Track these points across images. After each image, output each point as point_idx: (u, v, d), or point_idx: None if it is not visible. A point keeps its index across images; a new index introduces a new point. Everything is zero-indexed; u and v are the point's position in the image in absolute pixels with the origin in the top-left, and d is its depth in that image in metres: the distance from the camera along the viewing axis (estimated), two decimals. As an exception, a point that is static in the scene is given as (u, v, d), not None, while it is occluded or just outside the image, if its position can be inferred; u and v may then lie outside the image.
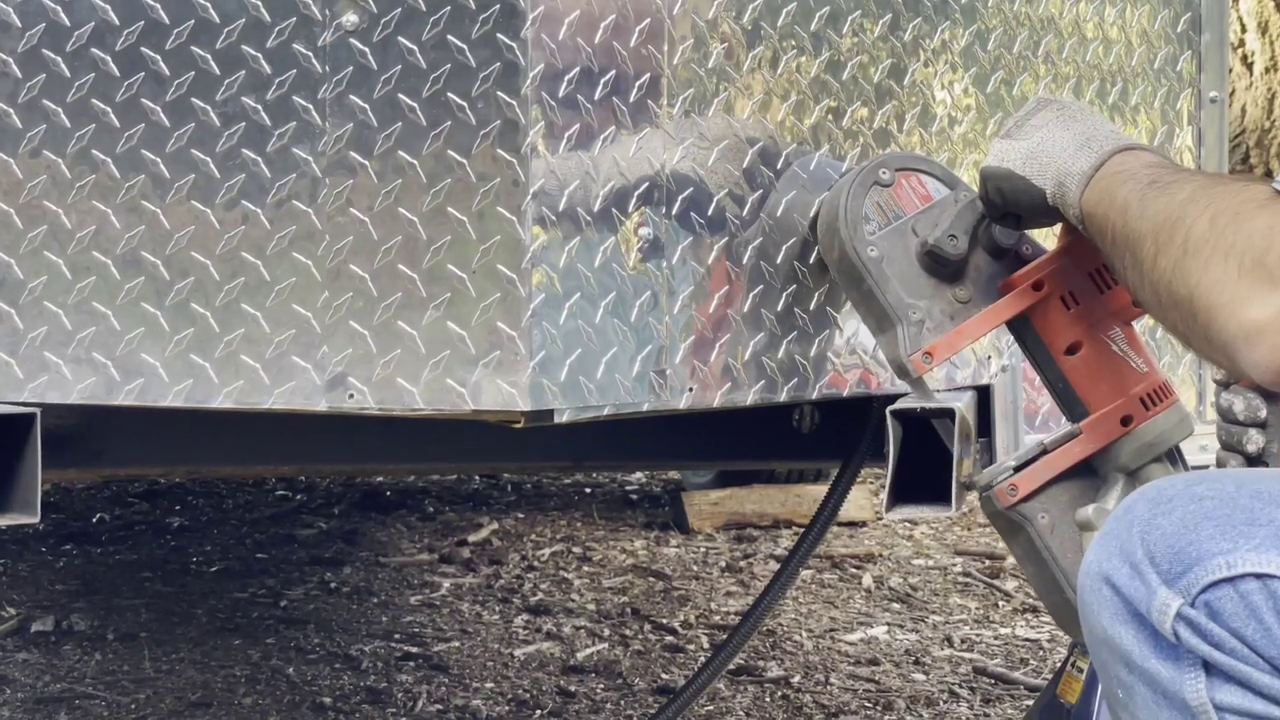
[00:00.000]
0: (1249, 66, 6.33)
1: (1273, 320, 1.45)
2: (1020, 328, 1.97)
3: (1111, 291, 1.93)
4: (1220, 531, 1.44)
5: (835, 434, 2.71)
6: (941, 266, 1.96)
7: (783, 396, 2.26)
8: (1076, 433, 1.92)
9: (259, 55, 2.06)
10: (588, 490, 5.54)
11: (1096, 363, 1.92)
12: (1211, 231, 1.51)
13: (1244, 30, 6.00)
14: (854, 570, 4.56)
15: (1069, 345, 1.92)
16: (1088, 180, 1.74)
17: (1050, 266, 1.93)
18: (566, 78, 2.06)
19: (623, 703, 3.53)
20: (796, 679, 3.68)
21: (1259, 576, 1.42)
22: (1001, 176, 1.88)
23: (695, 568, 4.59)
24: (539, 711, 3.46)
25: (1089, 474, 1.92)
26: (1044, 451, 1.93)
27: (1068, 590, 1.90)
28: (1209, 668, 1.43)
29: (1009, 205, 1.89)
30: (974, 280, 1.96)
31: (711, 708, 3.49)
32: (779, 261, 2.25)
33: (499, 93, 2.03)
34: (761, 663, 3.78)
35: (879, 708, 3.51)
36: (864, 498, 4.99)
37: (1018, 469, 1.92)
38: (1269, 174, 5.82)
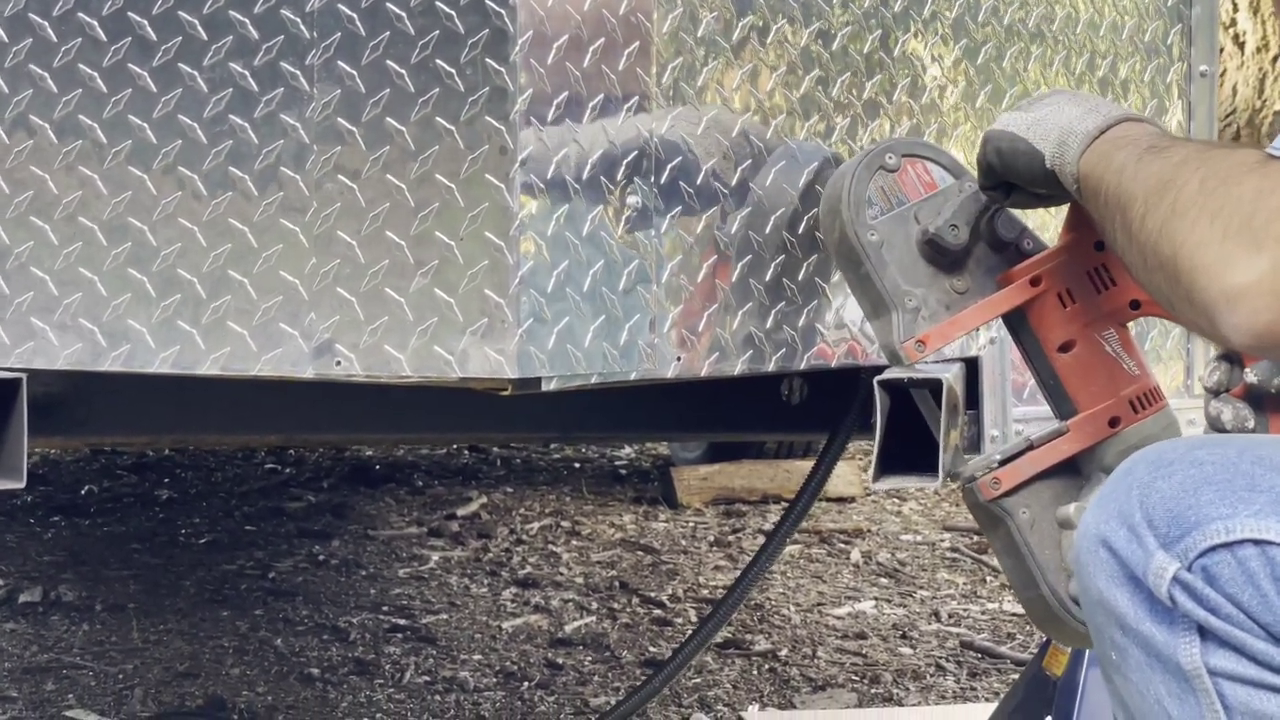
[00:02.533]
0: (1240, 46, 6.33)
1: (1254, 284, 1.44)
2: (1015, 322, 1.96)
3: (1109, 292, 1.93)
4: (1220, 496, 1.43)
5: (823, 406, 2.71)
6: (941, 256, 1.95)
7: (770, 367, 2.26)
8: (1063, 430, 1.92)
9: (246, 20, 2.05)
10: (577, 465, 5.54)
11: (1089, 362, 1.91)
12: (1200, 193, 1.51)
13: (1235, 10, 6.00)
14: (842, 545, 4.56)
15: (1063, 343, 1.92)
16: (1090, 140, 1.73)
17: (1049, 263, 1.93)
18: (555, 45, 2.05)
19: (610, 675, 3.53)
20: (784, 652, 3.68)
21: (1258, 543, 1.42)
22: (1003, 138, 1.86)
23: (684, 542, 4.59)
24: (526, 683, 3.47)
25: (1073, 472, 1.92)
26: (1030, 447, 1.92)
27: (1043, 586, 1.89)
28: (1204, 633, 1.43)
29: (1005, 169, 1.87)
30: (972, 271, 1.95)
31: (699, 680, 3.49)
32: (768, 232, 2.25)
33: (487, 59, 2.02)
34: (749, 636, 3.78)
35: (866, 681, 3.52)
36: (853, 473, 5.00)
37: (1002, 462, 1.92)
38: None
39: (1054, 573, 1.88)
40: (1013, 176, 1.86)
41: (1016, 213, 1.99)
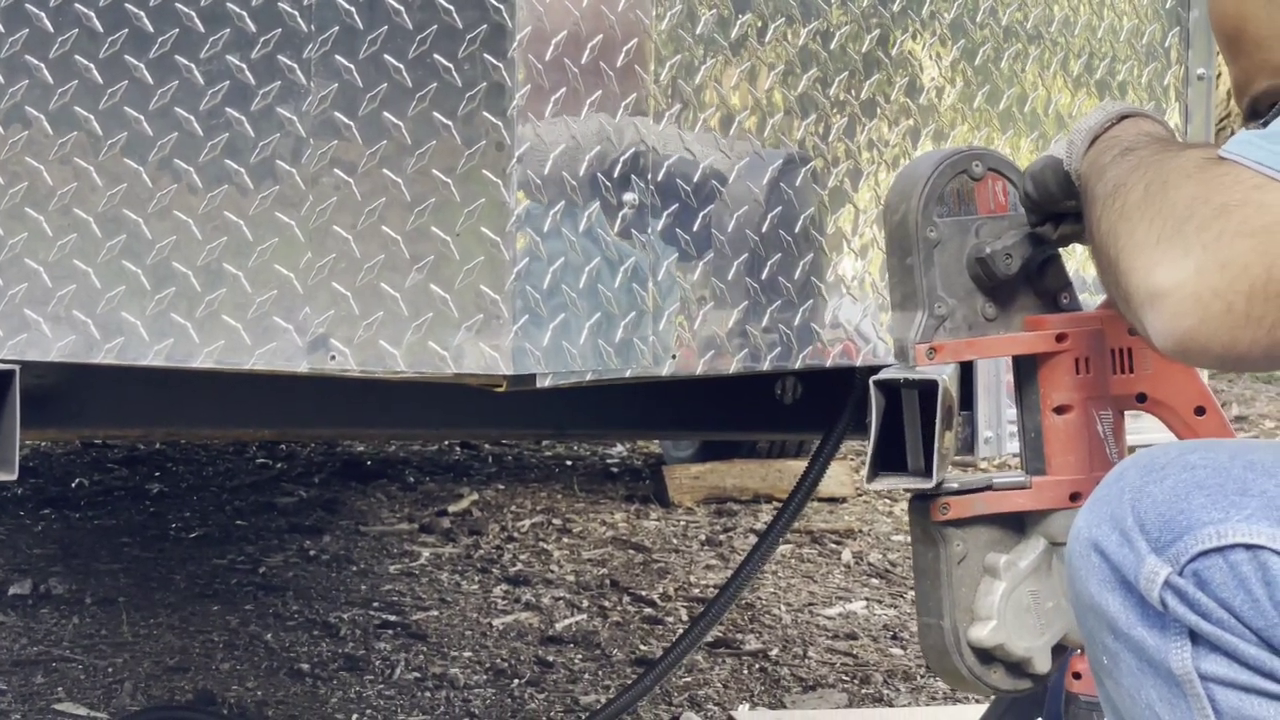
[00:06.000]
0: (1236, 49, 6.28)
1: (1177, 287, 1.45)
2: (1024, 368, 1.97)
3: (1123, 376, 1.94)
4: (1211, 501, 1.43)
5: (817, 405, 2.71)
6: (986, 278, 1.95)
7: (766, 366, 2.26)
8: (1025, 485, 1.93)
9: (244, 13, 2.04)
10: (568, 462, 5.53)
11: (1077, 433, 1.92)
12: (1144, 197, 1.53)
13: (1232, 12, 5.99)
14: (833, 545, 4.56)
15: (1060, 405, 1.92)
16: (1091, 138, 1.75)
17: (1081, 326, 1.93)
18: (553, 41, 2.04)
19: (600, 673, 3.53)
20: (775, 652, 3.68)
21: (1249, 547, 1.42)
22: (1035, 163, 1.88)
23: (675, 541, 4.59)
24: (517, 681, 3.46)
25: (1016, 525, 1.93)
26: (988, 488, 1.93)
27: (947, 619, 1.91)
28: (1195, 637, 1.43)
29: (1040, 192, 1.87)
30: (1006, 304, 1.96)
31: (689, 679, 3.49)
32: (764, 231, 2.24)
33: (485, 55, 2.02)
34: (740, 635, 3.78)
35: (856, 681, 3.52)
36: (844, 473, 5.00)
37: (958, 492, 1.92)
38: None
39: (962, 611, 1.90)
40: (1047, 199, 1.86)
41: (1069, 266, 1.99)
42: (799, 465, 4.81)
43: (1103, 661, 1.49)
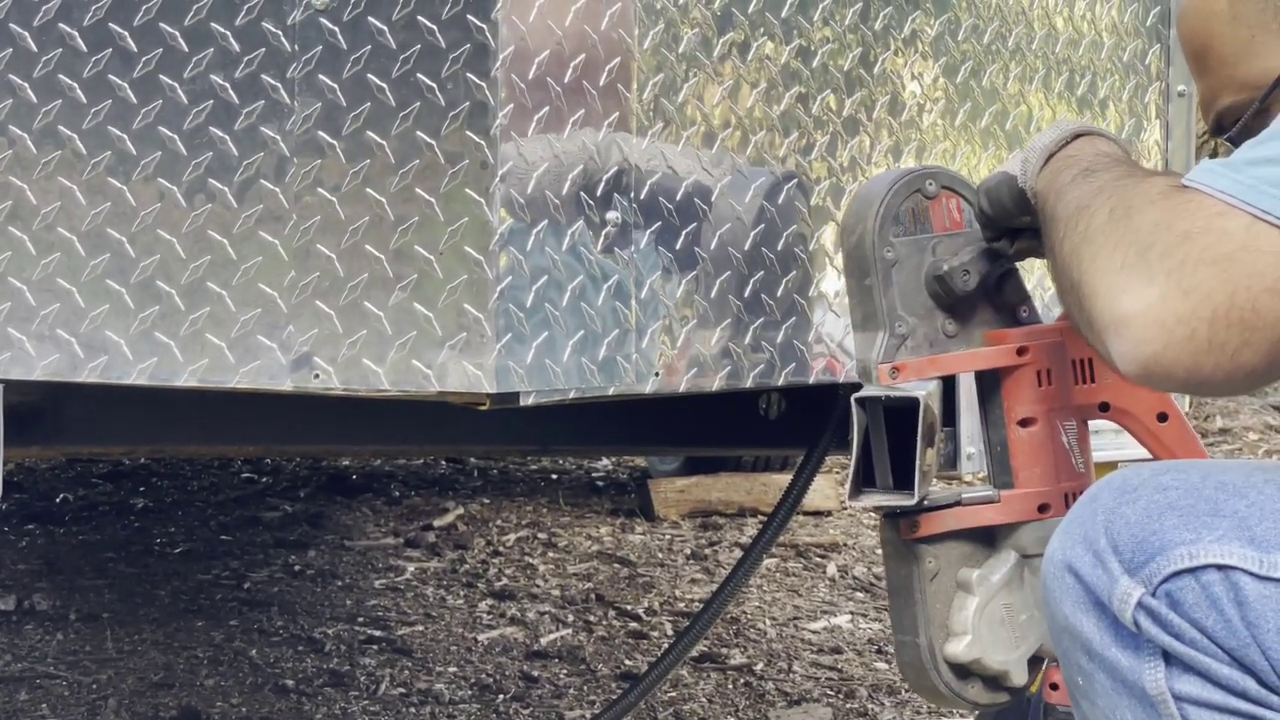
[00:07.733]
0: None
1: (1140, 313, 1.46)
2: (987, 382, 1.98)
3: (1085, 386, 1.95)
4: (1184, 522, 1.44)
5: (801, 421, 2.72)
6: (944, 295, 1.96)
7: (749, 382, 2.27)
8: (994, 499, 1.94)
9: (228, 33, 2.05)
10: (554, 476, 5.54)
11: (1042, 445, 1.94)
12: (1109, 222, 1.54)
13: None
14: (818, 559, 4.57)
15: (1025, 418, 1.94)
16: (1047, 155, 1.76)
17: (1041, 338, 1.95)
18: (536, 60, 2.05)
19: (585, 688, 3.53)
20: (759, 667, 3.68)
21: (1221, 568, 1.43)
22: (989, 178, 1.89)
23: (660, 555, 4.60)
24: (502, 696, 3.46)
25: (987, 540, 1.94)
26: (957, 503, 1.94)
27: (922, 635, 1.92)
28: (1168, 658, 1.44)
29: (994, 208, 1.89)
30: (966, 319, 1.97)
31: (674, 694, 3.49)
32: (747, 248, 2.25)
33: (468, 74, 2.02)
34: (725, 650, 3.78)
35: (841, 696, 3.52)
36: (829, 487, 5.00)
37: (929, 509, 1.93)
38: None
39: (937, 628, 1.91)
40: (1001, 214, 1.87)
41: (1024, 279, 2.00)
42: (784, 479, 4.81)
43: (1078, 682, 1.50)
